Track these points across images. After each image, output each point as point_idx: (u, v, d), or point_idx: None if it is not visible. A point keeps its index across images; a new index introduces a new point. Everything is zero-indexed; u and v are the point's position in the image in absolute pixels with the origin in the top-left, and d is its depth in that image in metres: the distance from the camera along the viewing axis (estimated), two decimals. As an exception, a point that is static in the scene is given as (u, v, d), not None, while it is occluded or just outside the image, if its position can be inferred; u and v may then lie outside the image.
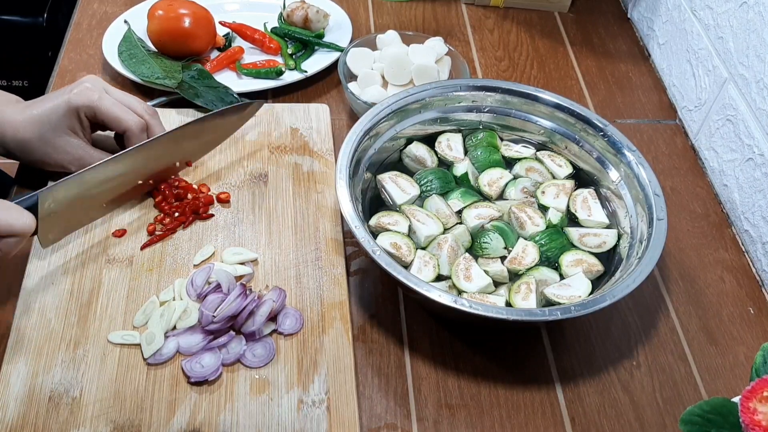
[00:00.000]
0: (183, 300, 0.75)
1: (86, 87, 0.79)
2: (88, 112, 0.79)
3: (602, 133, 0.87)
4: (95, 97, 0.79)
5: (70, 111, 0.79)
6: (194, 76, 0.98)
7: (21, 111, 0.79)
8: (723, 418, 0.55)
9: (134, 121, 0.81)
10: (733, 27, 0.94)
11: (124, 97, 0.82)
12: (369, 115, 0.84)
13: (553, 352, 0.78)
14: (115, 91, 0.82)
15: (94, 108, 0.79)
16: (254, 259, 0.80)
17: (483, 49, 1.15)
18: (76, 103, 0.78)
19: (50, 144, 0.79)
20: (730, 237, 0.92)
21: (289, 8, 1.10)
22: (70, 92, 0.79)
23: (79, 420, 0.67)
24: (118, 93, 0.82)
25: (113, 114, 0.80)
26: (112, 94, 0.81)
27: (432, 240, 0.80)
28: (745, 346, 0.81)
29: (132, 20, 1.06)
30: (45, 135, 0.79)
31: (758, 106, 0.89)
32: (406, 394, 0.74)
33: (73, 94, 0.79)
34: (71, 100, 0.78)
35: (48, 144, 0.79)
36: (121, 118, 0.80)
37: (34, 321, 0.73)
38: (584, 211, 0.85)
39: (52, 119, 0.78)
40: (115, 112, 0.80)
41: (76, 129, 0.80)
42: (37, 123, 0.78)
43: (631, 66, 1.15)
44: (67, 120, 0.79)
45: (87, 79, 0.81)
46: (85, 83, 0.80)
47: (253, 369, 0.71)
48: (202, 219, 0.83)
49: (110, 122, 0.80)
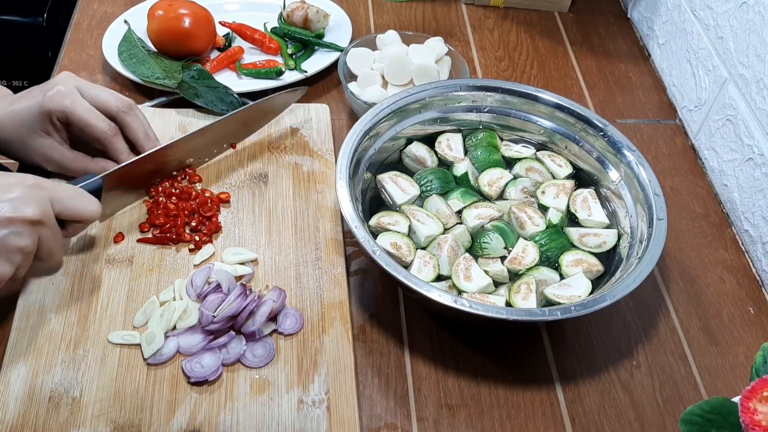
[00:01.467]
0: (183, 300, 0.75)
1: (59, 90, 0.78)
2: (60, 117, 0.78)
3: (602, 133, 0.87)
4: (68, 102, 0.77)
5: (42, 114, 0.78)
6: (194, 76, 0.98)
7: (5, 107, 0.78)
8: (723, 418, 0.55)
9: (105, 128, 0.79)
10: (733, 27, 0.94)
11: (98, 94, 0.80)
12: (369, 115, 0.84)
13: (553, 352, 0.78)
14: (90, 88, 0.80)
15: (67, 113, 0.78)
16: (254, 259, 0.80)
17: (483, 49, 1.15)
18: (48, 107, 0.77)
19: (26, 144, 0.79)
20: (730, 237, 0.92)
21: (289, 8, 1.10)
22: (43, 94, 0.78)
23: (79, 420, 0.67)
24: (92, 91, 0.80)
25: (84, 121, 0.78)
26: (86, 92, 0.79)
27: (432, 240, 0.80)
28: (745, 346, 0.81)
29: (132, 20, 1.06)
30: (21, 136, 0.79)
31: (758, 106, 0.89)
32: (406, 394, 0.74)
33: (47, 97, 0.77)
34: (44, 104, 0.77)
35: (23, 144, 0.79)
36: (92, 125, 0.79)
37: (34, 321, 0.73)
38: (584, 211, 0.85)
39: (26, 121, 0.78)
40: (87, 118, 0.78)
41: (49, 131, 0.79)
42: (15, 122, 0.78)
43: (631, 66, 1.15)
44: (39, 123, 0.78)
45: (61, 80, 0.79)
46: (59, 85, 0.78)
47: (253, 369, 0.71)
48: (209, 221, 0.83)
49: (82, 129, 0.79)
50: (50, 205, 0.67)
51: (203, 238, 0.81)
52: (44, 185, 0.68)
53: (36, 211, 0.65)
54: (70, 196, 0.70)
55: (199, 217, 0.82)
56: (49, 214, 0.67)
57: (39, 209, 0.66)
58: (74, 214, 0.70)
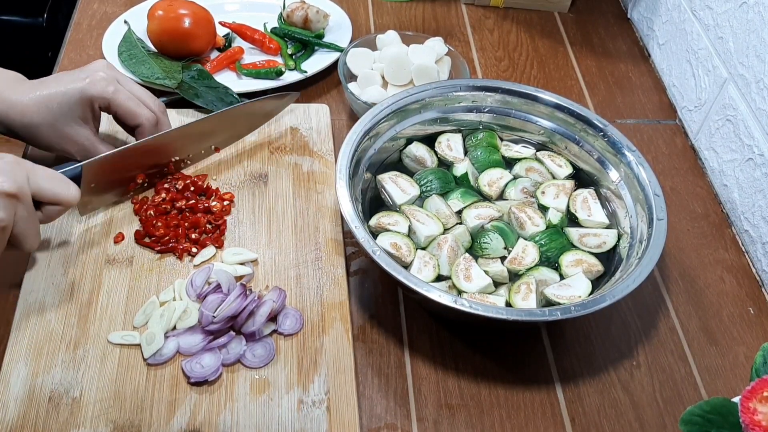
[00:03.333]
0: (183, 300, 0.75)
1: (101, 77, 0.77)
2: (102, 104, 0.78)
3: (602, 133, 0.87)
4: (111, 89, 0.77)
5: (83, 101, 0.77)
6: (194, 77, 0.98)
7: (28, 92, 0.76)
8: (723, 418, 0.55)
9: (148, 116, 0.80)
10: (733, 27, 0.94)
11: (136, 89, 0.81)
12: (369, 116, 0.84)
13: (553, 352, 0.78)
14: (127, 81, 0.81)
15: (110, 100, 0.78)
16: (254, 260, 0.80)
17: (483, 49, 1.15)
18: (91, 93, 0.76)
19: (58, 131, 0.78)
20: (730, 237, 0.92)
21: (289, 8, 1.10)
22: (83, 80, 0.77)
23: (79, 420, 0.67)
24: (130, 84, 0.81)
25: (128, 108, 0.79)
26: (125, 86, 0.80)
27: (432, 240, 0.80)
28: (745, 346, 0.81)
29: (132, 20, 1.06)
30: (55, 122, 0.77)
31: (758, 106, 0.89)
32: (406, 394, 0.74)
33: (88, 83, 0.77)
34: (86, 90, 0.76)
35: (56, 131, 0.78)
36: (136, 113, 0.79)
37: (34, 321, 0.73)
38: (584, 212, 0.85)
39: (64, 107, 0.76)
40: (131, 106, 0.79)
41: (87, 119, 0.79)
42: (46, 108, 0.76)
43: (631, 66, 1.15)
44: (79, 110, 0.77)
45: (99, 67, 0.79)
46: (99, 72, 0.78)
47: (253, 369, 0.71)
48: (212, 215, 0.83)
49: (124, 115, 0.79)
50: (27, 182, 0.66)
51: (207, 242, 0.81)
52: (23, 163, 0.66)
53: (12, 185, 0.64)
54: (48, 177, 0.68)
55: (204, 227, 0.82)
56: (25, 190, 0.66)
57: (15, 183, 0.64)
58: (52, 195, 0.68)
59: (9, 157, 0.66)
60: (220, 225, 0.82)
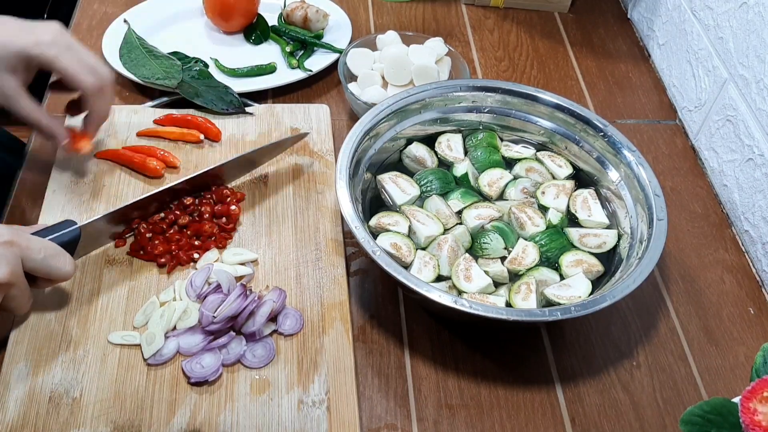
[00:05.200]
0: (183, 300, 0.75)
1: (47, 39, 0.76)
2: (42, 64, 0.76)
3: (602, 133, 0.87)
4: (53, 51, 0.75)
5: (20, 56, 0.75)
6: (194, 76, 0.98)
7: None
8: (723, 418, 0.55)
9: (91, 82, 0.77)
10: (733, 27, 0.94)
11: (86, 56, 0.78)
12: (369, 116, 0.84)
13: (553, 352, 0.78)
14: (78, 48, 0.78)
15: (50, 63, 0.76)
16: (255, 260, 0.80)
17: (483, 50, 1.15)
18: (31, 52, 0.75)
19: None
20: (730, 237, 0.92)
21: (289, 7, 1.10)
22: (28, 38, 0.75)
23: (80, 420, 0.67)
24: (80, 51, 0.78)
25: (71, 72, 0.76)
26: (75, 51, 0.77)
27: (432, 240, 0.80)
28: (745, 347, 0.81)
29: (132, 20, 1.06)
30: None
31: (758, 106, 0.89)
32: (406, 395, 0.74)
33: (32, 42, 0.75)
34: (27, 49, 0.75)
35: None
36: (80, 78, 0.77)
37: (34, 321, 0.73)
38: (584, 212, 0.85)
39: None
40: (75, 70, 0.76)
41: (18, 71, 0.76)
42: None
43: (631, 66, 1.15)
44: (13, 60, 0.75)
45: (51, 29, 0.77)
46: (47, 35, 0.76)
47: (253, 369, 0.71)
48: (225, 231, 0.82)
49: (65, 78, 0.77)
50: (21, 264, 0.64)
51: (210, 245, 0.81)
52: (18, 241, 0.65)
53: (5, 274, 0.62)
54: (44, 256, 0.66)
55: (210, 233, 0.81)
56: (18, 275, 0.64)
57: (9, 271, 0.63)
58: (47, 274, 0.67)
59: (4, 234, 0.64)
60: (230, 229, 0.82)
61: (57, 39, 0.77)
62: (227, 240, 0.81)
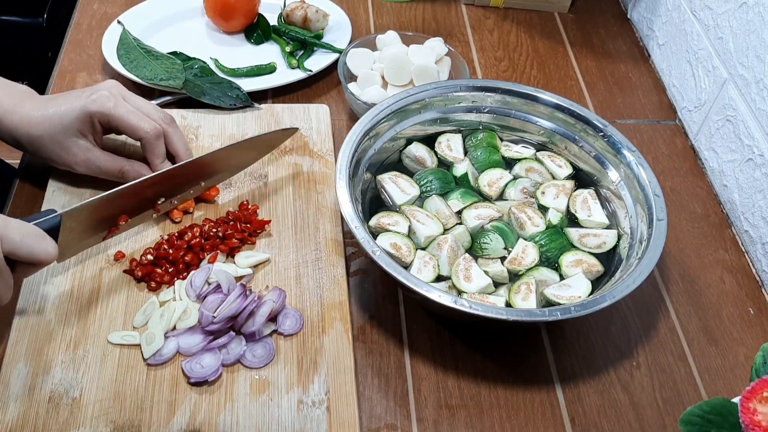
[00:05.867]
0: (183, 300, 0.75)
1: (103, 94, 0.79)
2: (102, 119, 0.80)
3: (602, 133, 0.87)
4: (111, 104, 0.79)
5: (83, 116, 0.79)
6: (197, 74, 0.98)
7: (38, 107, 0.79)
8: (723, 418, 0.55)
9: (149, 128, 0.80)
10: (732, 27, 0.94)
11: (141, 104, 0.82)
12: (369, 116, 0.84)
13: (553, 352, 0.79)
14: (133, 97, 0.82)
15: (109, 116, 0.79)
16: (267, 260, 0.80)
17: (483, 50, 1.15)
18: (90, 109, 0.78)
19: (59, 144, 0.80)
20: (730, 237, 0.92)
21: (289, 7, 1.10)
22: (87, 98, 0.79)
23: (79, 420, 0.67)
24: (136, 100, 0.82)
25: (128, 122, 0.79)
26: (130, 101, 0.81)
27: (432, 240, 0.80)
28: (745, 347, 0.81)
29: (130, 21, 1.06)
30: (55, 135, 0.79)
31: (758, 106, 0.89)
32: (405, 395, 0.74)
33: (90, 100, 0.79)
34: (86, 107, 0.78)
35: (57, 144, 0.79)
36: (136, 126, 0.80)
37: (34, 321, 0.73)
38: (584, 212, 0.85)
39: (65, 121, 0.78)
40: (130, 120, 0.79)
41: (86, 132, 0.80)
42: (49, 122, 0.79)
43: (631, 66, 1.15)
44: (78, 124, 0.79)
45: (105, 86, 0.81)
46: (103, 90, 0.80)
47: (253, 369, 0.71)
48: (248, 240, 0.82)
49: (125, 130, 0.80)
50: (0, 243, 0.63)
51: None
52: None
53: None
54: (23, 236, 0.64)
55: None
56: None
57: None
58: (27, 255, 0.64)
59: None
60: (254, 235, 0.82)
61: (112, 92, 0.80)
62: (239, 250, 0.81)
